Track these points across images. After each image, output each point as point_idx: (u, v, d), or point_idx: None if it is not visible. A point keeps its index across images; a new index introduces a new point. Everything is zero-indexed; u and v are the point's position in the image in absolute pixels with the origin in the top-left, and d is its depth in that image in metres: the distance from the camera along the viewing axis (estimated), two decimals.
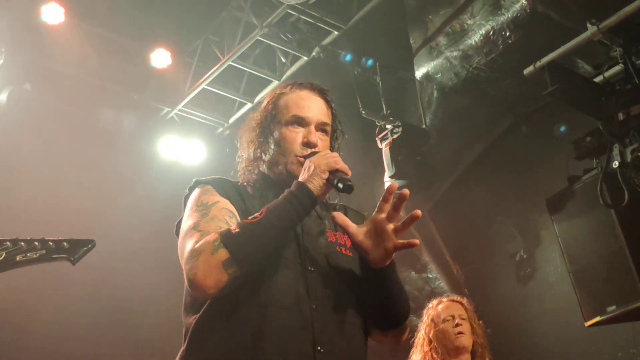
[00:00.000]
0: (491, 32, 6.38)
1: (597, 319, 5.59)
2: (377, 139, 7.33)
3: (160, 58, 7.55)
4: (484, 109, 7.43)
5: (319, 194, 2.45)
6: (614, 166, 5.44)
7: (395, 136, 7.12)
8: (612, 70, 5.72)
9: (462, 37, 6.68)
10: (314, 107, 2.73)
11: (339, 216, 2.49)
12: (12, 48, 7.02)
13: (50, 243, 2.71)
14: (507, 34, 6.29)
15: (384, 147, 7.13)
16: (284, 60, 7.74)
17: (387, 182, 7.08)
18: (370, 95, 7.49)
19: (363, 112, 7.34)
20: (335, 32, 7.25)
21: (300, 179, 2.46)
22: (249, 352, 2.33)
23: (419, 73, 7.19)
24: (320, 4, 6.95)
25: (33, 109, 7.18)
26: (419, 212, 2.46)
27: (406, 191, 2.44)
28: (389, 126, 7.25)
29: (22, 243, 2.67)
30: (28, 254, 2.67)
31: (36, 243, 2.69)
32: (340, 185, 2.44)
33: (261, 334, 2.34)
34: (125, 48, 7.68)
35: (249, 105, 8.21)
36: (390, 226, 2.44)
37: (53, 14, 6.82)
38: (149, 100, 8.08)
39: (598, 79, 5.76)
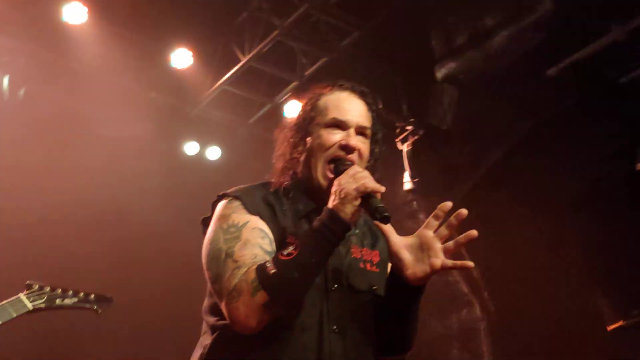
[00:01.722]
0: (514, 34, 6.31)
1: (621, 322, 5.52)
2: (397, 140, 7.28)
3: (181, 58, 7.53)
4: (505, 111, 7.36)
5: (352, 221, 2.38)
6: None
7: (415, 137, 7.07)
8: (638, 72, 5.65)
9: (484, 39, 6.62)
10: (354, 110, 2.67)
11: (380, 224, 2.42)
12: (34, 47, 7.04)
13: (82, 294, 3.44)
14: (530, 35, 6.23)
15: (404, 148, 7.08)
16: (304, 61, 7.71)
17: (407, 182, 7.03)
18: (391, 95, 7.45)
19: (382, 111, 7.29)
20: (356, 33, 7.20)
21: (331, 206, 2.38)
22: None
23: (441, 74, 7.14)
24: (341, 4, 6.92)
25: (53, 109, 7.19)
26: (474, 232, 2.42)
27: (464, 211, 2.40)
28: (409, 127, 7.20)
29: (59, 290, 3.37)
30: (65, 300, 3.39)
31: (70, 292, 3.42)
32: (378, 216, 2.34)
33: (279, 357, 2.35)
34: (146, 48, 7.67)
35: (268, 106, 8.18)
36: (439, 244, 2.42)
37: (76, 14, 6.82)
38: (169, 100, 8.07)
39: (622, 81, 5.69)
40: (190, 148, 8.34)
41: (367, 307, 2.57)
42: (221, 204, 2.58)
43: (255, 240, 2.41)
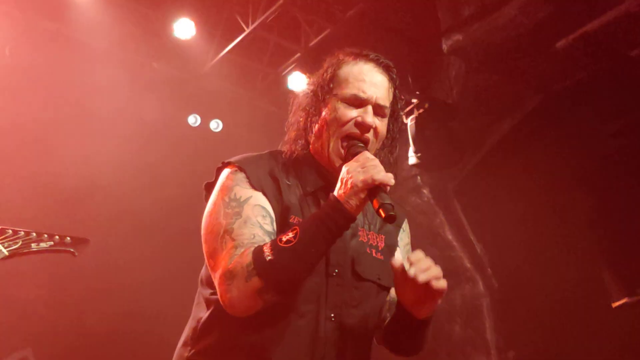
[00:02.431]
0: (522, 5, 6.19)
1: (625, 299, 5.47)
2: (402, 113, 7.17)
3: (184, 28, 7.44)
4: (512, 85, 7.26)
5: (357, 213, 2.29)
6: None
7: (421, 111, 6.97)
8: None
9: (492, 10, 6.50)
10: (375, 86, 2.54)
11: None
12: (33, 17, 6.96)
13: (57, 237, 3.30)
14: (539, 7, 6.10)
15: (409, 122, 6.98)
16: (308, 32, 7.61)
17: (411, 157, 6.95)
18: (396, 68, 7.33)
19: None
20: (361, 4, 7.09)
21: (336, 194, 2.28)
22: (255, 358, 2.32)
23: (447, 46, 7.03)
24: None
25: (54, 78, 7.14)
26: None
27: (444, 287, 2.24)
28: (414, 101, 7.10)
29: (34, 234, 3.26)
30: (40, 244, 3.27)
31: (45, 235, 3.29)
32: (382, 213, 2.23)
33: (271, 344, 2.32)
34: (149, 18, 7.58)
35: (272, 77, 8.13)
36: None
37: None
38: (171, 71, 7.99)
39: (634, 53, 5.57)
40: (193, 119, 8.28)
41: (369, 296, 2.51)
42: (225, 173, 2.50)
43: (256, 219, 2.34)
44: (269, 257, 2.19)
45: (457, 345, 8.33)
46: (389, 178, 2.27)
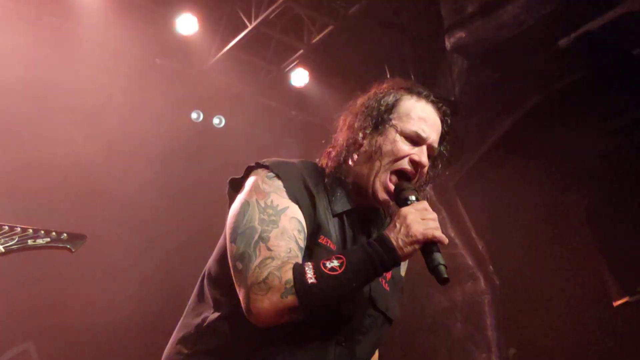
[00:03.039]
0: (525, 3, 6.20)
1: (626, 298, 5.47)
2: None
3: (187, 24, 7.44)
4: (514, 82, 7.26)
5: (404, 260, 2.28)
6: None
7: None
8: None
9: (495, 8, 6.50)
10: (433, 128, 2.55)
11: None
12: (36, 12, 6.97)
13: (54, 233, 3.28)
14: (542, 4, 6.11)
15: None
16: (311, 29, 7.61)
17: None
18: (398, 65, 7.34)
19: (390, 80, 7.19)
20: (364, 1, 7.09)
21: (391, 237, 2.24)
22: None
23: (450, 44, 7.04)
24: None
25: (56, 74, 7.14)
26: None
27: None
28: None
29: (30, 230, 3.24)
30: (37, 240, 3.25)
31: (42, 232, 3.28)
32: (438, 275, 2.25)
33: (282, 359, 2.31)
34: (152, 14, 7.58)
35: (274, 73, 8.13)
36: None
37: None
38: (174, 67, 7.99)
39: (636, 52, 5.58)
40: (195, 115, 8.28)
41: (375, 326, 2.51)
42: (258, 175, 2.45)
43: (292, 233, 2.31)
44: (312, 281, 2.17)
45: (458, 341, 8.35)
46: (445, 238, 2.28)
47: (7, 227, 3.16)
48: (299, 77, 7.99)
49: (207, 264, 2.58)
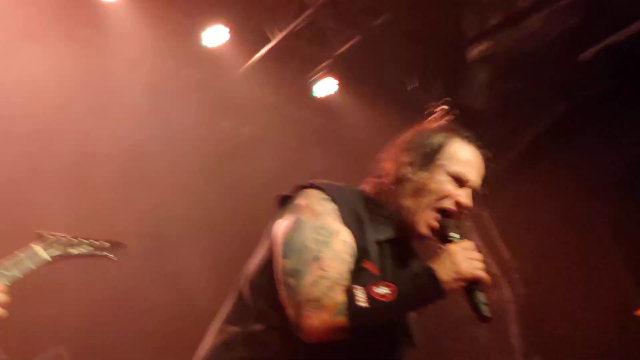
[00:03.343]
0: (548, 15, 6.24)
1: None
2: (428, 120, 7.24)
3: (215, 36, 7.57)
4: (539, 92, 7.29)
5: (447, 295, 2.38)
6: None
7: (448, 118, 7.02)
8: None
9: (519, 20, 6.55)
10: (478, 174, 2.68)
11: None
12: (69, 24, 7.11)
13: (96, 242, 3.38)
14: (565, 17, 6.15)
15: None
16: (336, 40, 7.70)
17: None
18: (423, 75, 7.41)
19: (415, 91, 7.26)
20: (389, 12, 7.16)
21: (441, 274, 2.34)
22: None
23: (474, 54, 7.09)
24: None
25: (87, 85, 7.27)
26: None
27: None
28: (442, 107, 7.15)
29: (74, 239, 3.32)
30: (80, 249, 3.32)
31: (85, 240, 3.36)
32: (481, 314, 2.39)
33: None
34: (180, 26, 7.70)
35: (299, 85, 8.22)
36: None
37: None
38: (203, 77, 8.11)
39: None
40: (224, 124, 8.39)
41: (404, 349, 2.64)
42: (312, 195, 2.53)
43: (344, 256, 2.40)
44: (364, 304, 2.27)
45: (483, 349, 8.37)
46: (489, 278, 2.41)
47: (52, 237, 3.23)
48: (325, 87, 8.10)
49: (246, 271, 2.64)
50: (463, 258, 2.39)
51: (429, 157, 2.64)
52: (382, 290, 2.30)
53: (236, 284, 2.67)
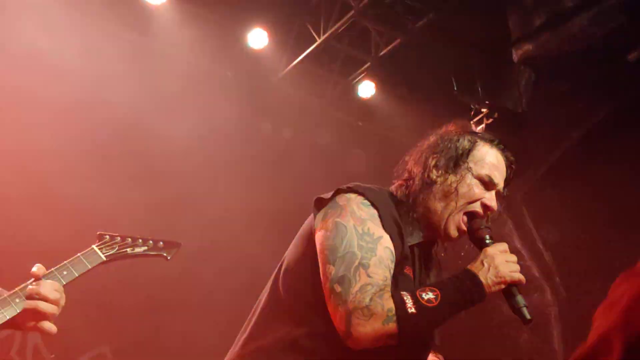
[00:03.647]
0: (593, 16, 6.18)
1: None
2: (471, 122, 7.24)
3: (257, 38, 7.65)
4: (583, 94, 7.22)
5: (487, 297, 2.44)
6: None
7: (490, 120, 7.01)
8: None
9: (563, 21, 6.49)
10: (502, 177, 2.72)
11: None
12: (116, 27, 7.25)
13: (151, 242, 3.36)
14: (610, 18, 6.08)
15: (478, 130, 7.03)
16: (379, 42, 7.73)
17: None
18: (465, 77, 7.39)
19: (457, 93, 7.25)
20: (432, 14, 7.16)
21: (481, 277, 2.40)
22: None
23: (517, 56, 7.05)
24: None
25: (132, 88, 7.37)
26: None
27: None
28: (484, 110, 7.14)
29: (129, 239, 3.31)
30: (135, 249, 3.32)
31: (140, 240, 3.34)
32: (522, 316, 2.44)
33: None
34: (224, 28, 7.79)
35: (342, 86, 8.27)
36: None
37: None
38: (246, 79, 8.18)
39: None
40: (266, 126, 8.45)
41: (428, 351, 2.68)
42: (353, 200, 2.54)
43: (387, 262, 2.43)
44: (412, 310, 2.30)
45: (525, 353, 8.31)
46: (524, 279, 2.46)
47: (108, 237, 3.24)
48: (366, 88, 8.12)
49: (281, 275, 2.64)
50: (501, 261, 2.43)
51: (456, 160, 2.66)
52: (427, 295, 2.34)
53: (272, 287, 2.67)
